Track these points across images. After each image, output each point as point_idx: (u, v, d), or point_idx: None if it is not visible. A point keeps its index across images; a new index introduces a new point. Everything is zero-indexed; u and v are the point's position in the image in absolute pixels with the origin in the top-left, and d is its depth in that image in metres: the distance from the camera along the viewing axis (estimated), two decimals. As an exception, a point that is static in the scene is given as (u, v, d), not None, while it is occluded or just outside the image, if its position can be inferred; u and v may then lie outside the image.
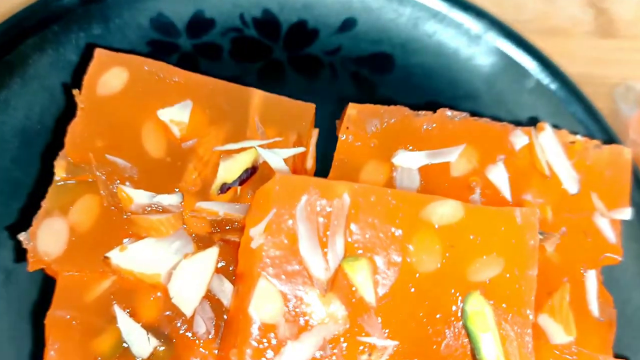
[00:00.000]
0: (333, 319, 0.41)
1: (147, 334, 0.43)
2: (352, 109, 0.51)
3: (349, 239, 0.42)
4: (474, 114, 0.53)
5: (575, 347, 0.48)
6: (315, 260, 0.41)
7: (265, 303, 0.40)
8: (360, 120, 0.50)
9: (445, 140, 0.51)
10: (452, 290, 0.42)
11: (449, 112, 0.51)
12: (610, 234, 0.51)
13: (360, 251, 0.42)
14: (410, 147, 0.50)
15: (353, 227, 0.42)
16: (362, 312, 0.41)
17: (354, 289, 0.41)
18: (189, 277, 0.44)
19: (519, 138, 0.51)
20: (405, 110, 0.51)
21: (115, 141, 0.47)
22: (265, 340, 0.40)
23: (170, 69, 0.50)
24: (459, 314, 0.42)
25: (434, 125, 0.51)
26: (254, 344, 0.39)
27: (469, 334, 0.41)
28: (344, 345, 0.40)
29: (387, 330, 0.41)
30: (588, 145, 0.53)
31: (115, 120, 0.48)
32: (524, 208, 0.44)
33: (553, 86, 0.60)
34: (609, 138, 0.58)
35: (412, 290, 0.42)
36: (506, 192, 0.50)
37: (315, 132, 0.53)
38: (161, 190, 0.47)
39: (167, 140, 0.48)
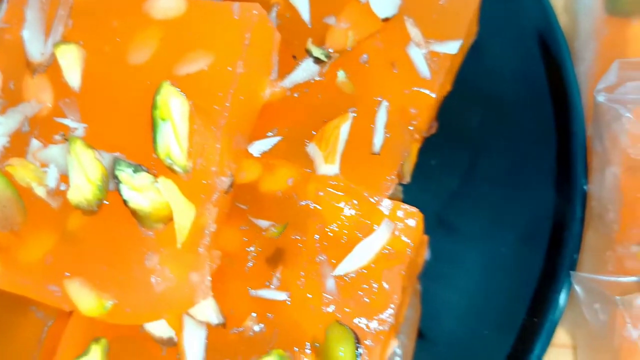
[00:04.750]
0: (38, 99, 0.42)
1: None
2: None
3: (69, 27, 0.43)
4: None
5: (343, 182, 0.43)
6: (33, 45, 0.43)
7: (-22, 79, 0.43)
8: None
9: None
10: (154, 83, 0.41)
11: None
12: (424, 68, 0.45)
13: (77, 41, 0.43)
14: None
15: (75, 15, 0.43)
16: (65, 96, 0.42)
17: (62, 75, 0.42)
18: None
19: (330, -46, 0.47)
20: None
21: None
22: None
23: None
24: (154, 106, 0.41)
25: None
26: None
27: (153, 124, 0.40)
28: (44, 123, 0.42)
29: (83, 115, 0.41)
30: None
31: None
32: (245, 3, 0.41)
33: None
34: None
35: (119, 80, 0.42)
36: (305, 13, 0.46)
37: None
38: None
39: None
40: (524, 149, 0.53)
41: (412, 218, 0.43)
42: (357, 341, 0.41)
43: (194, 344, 0.42)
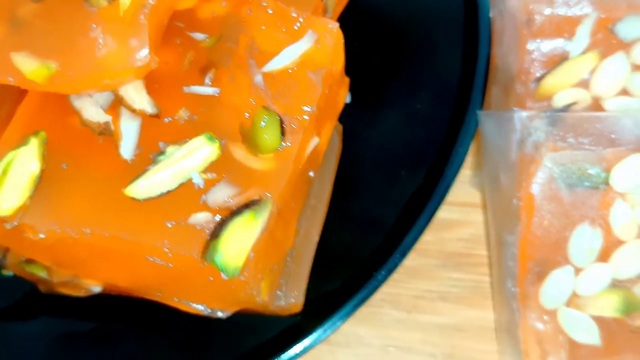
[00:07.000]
0: None
1: None
2: None
3: None
4: None
5: (273, 2, 0.48)
6: None
7: None
8: None
9: None
10: None
11: None
12: None
13: None
14: None
15: None
16: None
17: None
18: None
19: None
20: None
21: None
22: None
23: None
24: None
25: None
26: None
27: None
28: None
29: None
30: None
31: None
32: None
33: None
34: None
35: None
36: None
37: None
38: None
39: None
40: (438, 26, 0.59)
41: (332, 30, 0.48)
42: (282, 123, 0.45)
43: (128, 129, 0.45)
